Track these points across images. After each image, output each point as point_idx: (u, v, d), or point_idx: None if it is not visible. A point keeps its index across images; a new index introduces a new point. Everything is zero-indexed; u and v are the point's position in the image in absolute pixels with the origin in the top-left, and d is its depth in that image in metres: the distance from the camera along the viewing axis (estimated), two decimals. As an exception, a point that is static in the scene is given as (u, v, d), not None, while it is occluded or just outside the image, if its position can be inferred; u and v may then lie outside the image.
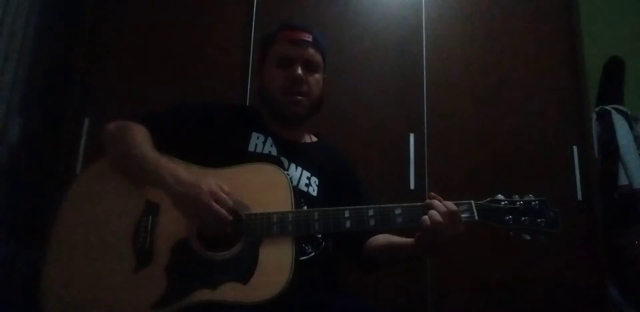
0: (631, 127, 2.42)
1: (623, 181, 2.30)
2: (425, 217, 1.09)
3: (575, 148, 2.10)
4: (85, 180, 1.23)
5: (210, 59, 2.08)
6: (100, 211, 1.16)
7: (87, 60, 2.03)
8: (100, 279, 1.08)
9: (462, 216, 1.11)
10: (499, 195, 1.16)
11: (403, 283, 1.88)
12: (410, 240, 1.20)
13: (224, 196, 1.09)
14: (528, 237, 1.11)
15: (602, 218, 2.04)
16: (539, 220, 1.11)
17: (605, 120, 2.44)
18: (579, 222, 2.01)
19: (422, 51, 2.15)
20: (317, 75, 1.39)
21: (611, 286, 2.02)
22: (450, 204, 1.11)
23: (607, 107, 2.48)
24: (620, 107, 2.48)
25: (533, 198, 1.14)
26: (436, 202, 1.11)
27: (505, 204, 1.14)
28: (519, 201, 1.14)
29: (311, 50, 1.36)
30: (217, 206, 1.06)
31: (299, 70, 1.33)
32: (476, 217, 1.12)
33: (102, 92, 2.00)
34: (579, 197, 2.04)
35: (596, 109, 2.50)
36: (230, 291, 1.03)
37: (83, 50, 2.04)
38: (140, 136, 1.21)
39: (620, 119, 2.42)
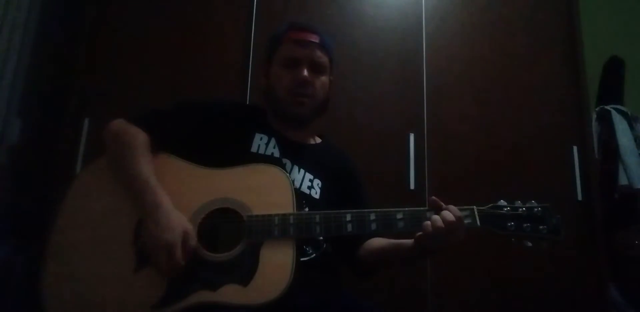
0: (631, 127, 2.42)
1: (623, 181, 2.30)
2: (428, 222, 1.09)
3: (575, 148, 2.10)
4: (85, 179, 1.23)
5: (210, 58, 2.08)
6: (100, 210, 1.15)
7: (87, 60, 2.03)
8: (100, 279, 1.08)
9: (464, 221, 1.11)
10: (501, 201, 1.15)
11: (403, 283, 1.88)
12: (407, 241, 1.20)
13: (177, 251, 1.05)
14: (530, 244, 1.11)
15: (602, 218, 2.04)
16: (541, 227, 1.11)
17: (605, 120, 2.44)
18: (579, 222, 2.01)
19: (422, 51, 2.15)
20: (324, 78, 1.38)
21: (611, 286, 2.02)
22: (456, 211, 1.10)
23: (607, 107, 2.48)
24: (620, 107, 2.49)
25: (536, 204, 1.14)
26: (444, 211, 1.10)
27: (507, 210, 1.14)
28: (522, 207, 1.14)
29: (318, 52, 1.35)
30: (161, 262, 1.04)
31: (305, 72, 1.32)
32: (478, 223, 1.12)
33: (102, 92, 2.00)
34: (579, 197, 2.04)
35: (596, 109, 2.50)
36: (230, 293, 1.03)
37: (83, 50, 2.05)
38: (138, 147, 1.19)
39: (620, 119, 2.42)
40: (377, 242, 1.33)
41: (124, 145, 1.20)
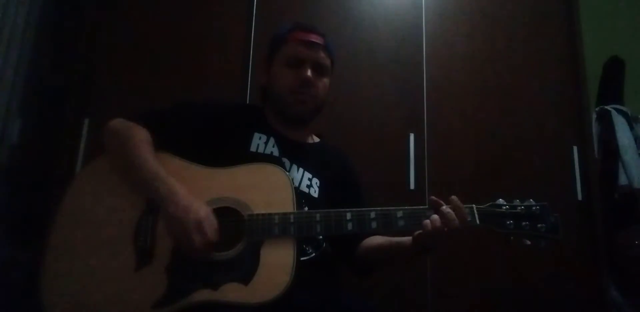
0: (631, 127, 2.43)
1: (623, 181, 2.30)
2: (427, 221, 1.10)
3: (575, 148, 2.10)
4: (85, 178, 1.23)
5: (210, 58, 2.08)
6: (100, 209, 1.15)
7: (87, 60, 2.03)
8: (100, 278, 1.07)
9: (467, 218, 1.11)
10: (500, 199, 1.16)
11: (403, 283, 1.88)
12: (406, 239, 1.20)
13: (208, 229, 1.06)
14: (528, 242, 1.12)
15: (602, 218, 2.04)
16: (539, 225, 1.12)
17: (605, 120, 2.45)
18: (579, 222, 2.01)
19: (422, 51, 2.15)
20: (325, 80, 1.38)
21: (611, 286, 2.02)
22: (461, 208, 1.11)
23: (607, 107, 2.49)
24: (620, 107, 2.49)
25: (534, 203, 1.15)
26: (444, 208, 1.11)
27: (506, 208, 1.15)
28: (520, 206, 1.15)
29: (322, 54, 1.36)
30: (196, 240, 1.04)
31: (309, 72, 1.32)
32: (477, 222, 1.13)
33: (102, 92, 2.00)
34: (579, 197, 2.04)
35: (596, 109, 2.50)
36: (231, 292, 1.03)
37: (83, 50, 2.04)
38: (141, 142, 1.20)
39: (620, 119, 2.42)
40: (376, 240, 1.33)
41: (126, 141, 1.20)
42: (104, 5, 2.10)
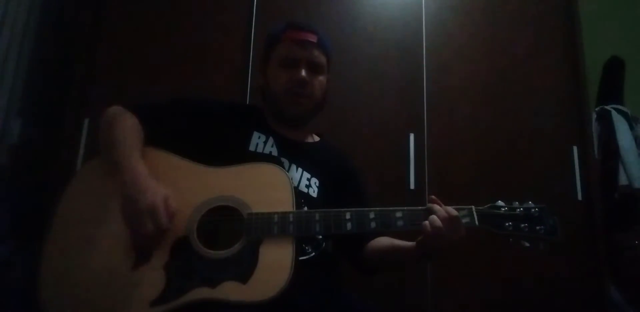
0: (631, 127, 2.43)
1: (623, 181, 2.30)
2: (426, 222, 1.10)
3: (575, 148, 2.10)
4: (84, 177, 1.23)
5: (211, 59, 2.08)
6: (99, 208, 1.15)
7: (87, 60, 2.04)
8: (99, 276, 1.07)
9: (463, 221, 1.11)
10: (499, 201, 1.17)
11: (403, 283, 1.88)
12: (411, 243, 1.20)
13: (161, 212, 1.06)
14: (527, 244, 1.13)
15: (602, 218, 2.04)
16: (538, 227, 1.12)
17: (605, 120, 2.44)
18: (579, 222, 2.01)
19: (422, 51, 2.15)
20: (321, 77, 1.38)
21: (611, 286, 2.02)
22: (451, 210, 1.11)
23: (607, 107, 2.49)
24: (620, 107, 2.49)
25: (533, 205, 1.15)
26: (437, 207, 1.11)
27: (505, 210, 1.15)
28: (519, 208, 1.15)
29: (316, 52, 1.35)
30: (147, 225, 1.04)
31: (303, 73, 1.32)
32: (476, 223, 1.13)
33: (102, 92, 2.00)
34: (579, 197, 2.04)
35: (596, 109, 2.50)
36: (229, 290, 1.03)
37: (83, 50, 2.05)
38: (125, 126, 1.21)
39: (620, 119, 2.42)
40: (381, 242, 1.33)
41: (112, 124, 1.22)
42: (104, 6, 2.11)
